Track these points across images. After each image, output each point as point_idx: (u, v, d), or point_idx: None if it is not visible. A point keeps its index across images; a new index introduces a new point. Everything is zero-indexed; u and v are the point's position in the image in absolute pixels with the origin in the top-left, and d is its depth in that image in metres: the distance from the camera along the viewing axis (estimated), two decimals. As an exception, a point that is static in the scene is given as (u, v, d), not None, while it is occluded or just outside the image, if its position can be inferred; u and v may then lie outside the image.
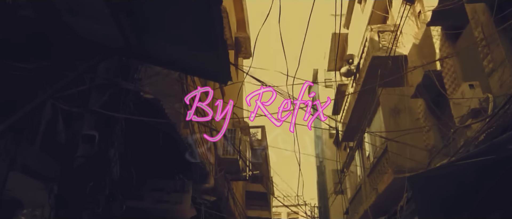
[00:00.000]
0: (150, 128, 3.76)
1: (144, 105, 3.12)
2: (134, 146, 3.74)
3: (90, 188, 2.56)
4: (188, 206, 5.01)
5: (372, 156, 13.65)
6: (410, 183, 4.15)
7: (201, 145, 6.13)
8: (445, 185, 4.39)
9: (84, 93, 2.77)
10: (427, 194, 4.21)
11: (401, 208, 8.40)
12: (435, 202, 4.41)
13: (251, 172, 11.07)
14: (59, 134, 2.68)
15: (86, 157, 2.61)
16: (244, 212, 13.42)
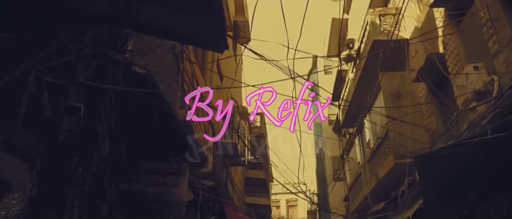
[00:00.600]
0: (144, 106, 3.57)
1: (135, 79, 2.93)
2: (126, 124, 3.55)
3: (75, 163, 2.38)
4: (185, 189, 4.84)
5: (372, 141, 13.51)
6: (417, 163, 3.99)
7: (198, 128, 5.95)
8: (452, 166, 4.22)
9: (70, 65, 2.57)
10: (433, 175, 4.05)
11: (402, 193, 8.27)
12: (441, 183, 4.24)
13: (250, 157, 10.92)
14: (44, 108, 2.49)
15: (71, 131, 2.42)
16: (243, 198, 13.31)
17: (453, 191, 4.41)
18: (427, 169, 3.97)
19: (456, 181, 4.33)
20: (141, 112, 3.79)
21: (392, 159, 10.86)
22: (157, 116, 3.92)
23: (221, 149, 7.83)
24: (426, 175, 3.97)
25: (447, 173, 4.29)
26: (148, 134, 4.42)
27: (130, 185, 4.85)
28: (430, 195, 4.17)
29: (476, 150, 4.19)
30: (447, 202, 4.53)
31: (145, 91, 2.72)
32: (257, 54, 4.64)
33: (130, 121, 3.69)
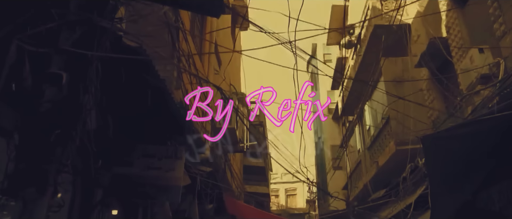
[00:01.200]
0: (136, 83, 3.37)
1: (125, 52, 2.71)
2: (117, 102, 3.35)
3: (56, 136, 2.18)
4: (181, 173, 4.66)
5: (373, 129, 13.35)
6: (424, 144, 3.81)
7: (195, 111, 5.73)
8: (459, 148, 4.04)
9: (53, 32, 2.36)
10: (440, 156, 3.87)
11: (404, 179, 8.10)
12: (448, 165, 4.07)
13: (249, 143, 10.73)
14: (25, 80, 2.29)
15: (52, 102, 2.21)
16: (242, 186, 13.17)
17: (459, 174, 4.24)
18: (434, 151, 3.79)
19: (463, 164, 4.16)
20: (134, 90, 3.59)
21: (393, 146, 10.70)
22: (152, 96, 3.71)
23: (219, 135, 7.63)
24: (433, 157, 3.79)
25: (454, 155, 4.11)
26: (142, 114, 4.22)
27: (124, 168, 4.66)
28: (436, 178, 4.00)
29: (484, 131, 4.01)
30: (454, 185, 4.36)
31: (134, 57, 2.50)
32: (257, 25, 4.42)
33: (122, 99, 3.49)
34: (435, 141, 3.76)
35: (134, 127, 4.53)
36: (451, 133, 3.82)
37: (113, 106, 3.27)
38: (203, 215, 8.85)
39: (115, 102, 3.31)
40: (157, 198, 4.53)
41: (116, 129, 4.35)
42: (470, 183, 4.34)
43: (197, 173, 6.61)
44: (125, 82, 2.73)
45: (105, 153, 4.73)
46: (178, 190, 4.56)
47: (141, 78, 3.08)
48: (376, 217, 7.40)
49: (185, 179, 5.11)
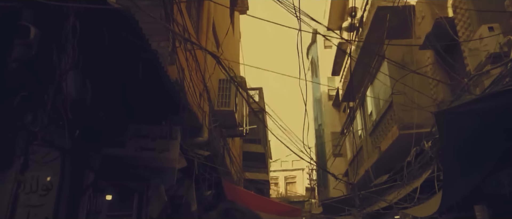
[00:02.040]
0: (123, 53, 3.07)
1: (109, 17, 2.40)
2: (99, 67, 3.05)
3: (21, 99, 1.88)
4: (176, 154, 4.38)
5: (375, 113, 13.07)
6: (438, 119, 3.52)
7: (192, 91, 5.44)
8: (474, 126, 3.75)
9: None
10: (454, 134, 3.59)
11: (408, 164, 7.84)
12: (462, 144, 3.78)
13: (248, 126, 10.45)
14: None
15: (20, 61, 1.92)
16: (242, 173, 12.93)
17: (472, 156, 3.96)
18: (447, 128, 3.51)
19: (476, 144, 3.88)
20: (122, 61, 3.28)
21: (396, 130, 10.44)
22: (143, 70, 3.41)
23: (218, 117, 7.34)
24: (447, 134, 3.51)
25: (468, 134, 3.83)
26: (134, 91, 3.92)
27: (115, 149, 4.38)
28: (450, 157, 3.72)
29: (499, 108, 3.72)
30: (466, 167, 4.08)
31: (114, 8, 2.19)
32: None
33: (107, 68, 3.19)
34: (449, 117, 3.47)
35: (125, 105, 4.23)
36: (466, 108, 3.53)
37: (96, 73, 2.98)
38: (201, 200, 8.60)
39: (99, 70, 3.01)
40: (151, 180, 4.26)
41: (106, 107, 4.06)
42: (482, 166, 4.08)
43: (194, 157, 6.33)
44: (111, 49, 2.43)
45: (94, 133, 4.45)
46: (173, 172, 4.29)
47: (129, 48, 2.78)
48: (383, 200, 7.15)
49: (181, 161, 4.83)
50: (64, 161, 4.37)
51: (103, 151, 4.38)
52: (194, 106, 6.05)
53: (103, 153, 4.36)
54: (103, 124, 4.39)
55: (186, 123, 4.54)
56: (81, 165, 4.43)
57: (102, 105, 3.52)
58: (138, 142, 4.40)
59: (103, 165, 4.32)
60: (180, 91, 4.14)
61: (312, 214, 22.55)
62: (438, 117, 3.52)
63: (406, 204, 6.64)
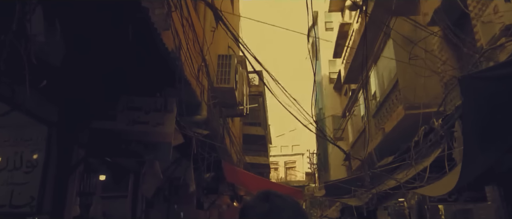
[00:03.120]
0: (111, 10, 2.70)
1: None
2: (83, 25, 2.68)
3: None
4: (172, 128, 4.03)
5: (378, 94, 12.71)
6: (462, 85, 3.17)
7: (189, 63, 5.06)
8: (500, 92, 3.37)
9: None
10: (477, 102, 3.23)
11: (416, 144, 7.51)
12: (484, 113, 3.42)
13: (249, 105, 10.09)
14: None
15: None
16: (242, 156, 12.63)
17: (496, 126, 3.60)
18: (472, 94, 3.15)
19: (503, 114, 3.52)
20: (110, 20, 2.91)
21: (402, 110, 10.10)
22: (134, 31, 3.03)
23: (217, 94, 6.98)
24: (471, 102, 3.15)
25: (494, 102, 3.46)
26: (124, 57, 3.55)
27: (105, 123, 4.03)
28: (471, 129, 3.37)
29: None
30: (489, 139, 3.73)
31: None
32: None
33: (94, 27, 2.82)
34: (473, 83, 3.12)
35: (116, 74, 3.87)
36: (493, 73, 3.18)
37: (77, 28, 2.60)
38: (200, 182, 8.30)
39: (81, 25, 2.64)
40: (144, 156, 3.91)
41: (95, 76, 3.70)
42: (504, 139, 3.72)
43: (192, 135, 5.98)
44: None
45: (83, 104, 4.09)
46: (169, 148, 3.94)
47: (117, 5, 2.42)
48: (393, 179, 6.83)
49: (177, 137, 4.49)
50: (51, 135, 4.02)
51: (93, 125, 4.03)
52: (191, 80, 5.68)
53: (92, 126, 4.01)
54: (92, 94, 4.04)
55: (183, 97, 4.17)
56: (69, 140, 4.08)
57: (88, 70, 3.16)
58: (130, 114, 4.05)
59: (92, 140, 3.97)
60: (176, 59, 3.76)
61: (314, 197, 22.35)
62: (462, 82, 3.16)
63: (416, 183, 6.32)
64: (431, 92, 9.76)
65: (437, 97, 9.52)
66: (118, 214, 6.39)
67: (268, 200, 1.31)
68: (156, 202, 7.98)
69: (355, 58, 14.80)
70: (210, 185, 9.70)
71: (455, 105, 7.64)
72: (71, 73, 3.34)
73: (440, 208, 9.07)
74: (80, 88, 3.64)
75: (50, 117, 4.01)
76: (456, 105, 6.07)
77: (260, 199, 1.33)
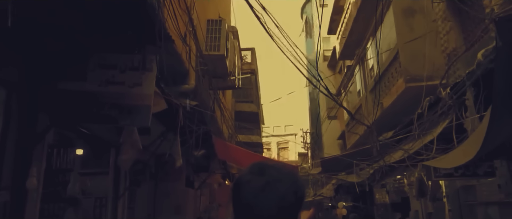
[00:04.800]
0: None
1: None
2: None
3: None
4: (152, 89, 3.47)
5: (376, 68, 12.18)
6: (499, 27, 2.65)
7: (174, 21, 4.45)
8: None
9: None
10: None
11: (419, 116, 7.03)
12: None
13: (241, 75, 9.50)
14: None
15: None
16: (234, 133, 12.10)
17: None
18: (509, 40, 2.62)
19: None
20: None
21: (402, 83, 9.60)
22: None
23: (207, 64, 6.38)
24: (509, 49, 2.63)
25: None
26: (94, 6, 2.95)
27: (74, 83, 3.45)
28: (506, 83, 2.85)
29: None
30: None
31: None
32: None
33: None
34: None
35: (85, 26, 3.26)
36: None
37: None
38: (189, 159, 7.78)
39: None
40: (120, 121, 3.36)
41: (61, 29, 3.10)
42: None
43: (179, 105, 5.42)
44: None
45: (47, 62, 3.50)
46: (148, 112, 3.38)
47: None
48: (401, 149, 6.36)
49: (160, 103, 3.92)
50: (10, 98, 3.44)
51: (59, 86, 3.44)
52: (177, 42, 5.07)
53: (59, 88, 3.43)
54: (57, 51, 3.44)
55: (164, 60, 3.59)
56: (32, 103, 3.50)
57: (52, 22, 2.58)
58: (103, 74, 3.47)
59: (58, 103, 3.39)
60: (156, 8, 3.17)
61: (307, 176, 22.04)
62: (499, 24, 2.64)
63: (424, 155, 5.86)
64: (433, 63, 9.27)
65: (440, 69, 9.02)
66: (98, 192, 5.86)
67: (263, 173, 1.23)
68: (142, 180, 7.47)
69: (352, 32, 14.21)
70: (200, 162, 9.19)
71: (459, 77, 7.18)
72: (32, 26, 2.75)
73: (441, 185, 8.69)
74: (43, 44, 3.05)
75: (9, 77, 3.42)
76: (468, 71, 5.55)
77: (255, 172, 1.24)
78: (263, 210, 1.17)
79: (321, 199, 20.86)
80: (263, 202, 1.17)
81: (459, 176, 6.41)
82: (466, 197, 8.36)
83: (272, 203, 1.18)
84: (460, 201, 8.37)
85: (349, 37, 14.79)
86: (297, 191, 1.23)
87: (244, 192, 1.21)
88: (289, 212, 1.21)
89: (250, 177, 1.23)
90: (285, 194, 1.20)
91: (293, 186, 1.23)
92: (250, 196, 1.19)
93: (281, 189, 1.20)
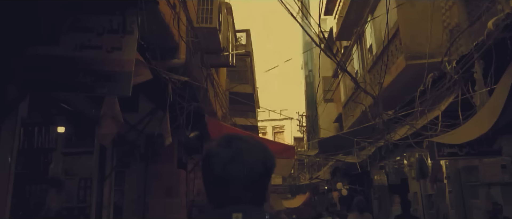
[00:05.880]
0: None
1: None
2: None
3: None
4: (132, 55, 3.09)
5: (375, 47, 11.83)
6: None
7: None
8: None
9: None
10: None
11: (422, 93, 6.71)
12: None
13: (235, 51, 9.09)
14: None
15: None
16: (228, 114, 11.74)
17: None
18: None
19: None
20: None
21: (402, 61, 9.26)
22: None
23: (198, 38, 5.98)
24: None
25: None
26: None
27: (44, 48, 3.06)
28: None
29: None
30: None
31: None
32: None
33: None
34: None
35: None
36: None
37: None
38: (180, 138, 7.45)
39: None
40: (97, 90, 2.98)
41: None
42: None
43: (168, 80, 5.05)
44: None
45: (11, 23, 3.10)
46: (128, 79, 3.00)
47: None
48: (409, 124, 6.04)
49: (144, 73, 3.54)
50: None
51: (28, 52, 3.05)
52: (165, 12, 4.68)
53: (28, 54, 3.04)
54: (24, 10, 3.04)
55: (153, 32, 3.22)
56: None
57: None
58: (78, 37, 3.08)
59: (27, 70, 3.01)
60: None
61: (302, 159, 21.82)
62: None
63: (430, 132, 5.55)
64: (434, 40, 8.92)
65: (442, 46, 8.68)
66: (83, 173, 5.52)
67: (231, 145, 1.25)
68: (131, 162, 7.13)
69: (350, 10, 13.80)
70: (193, 144, 8.85)
71: (461, 53, 6.86)
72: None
73: (442, 166, 8.44)
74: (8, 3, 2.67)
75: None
76: (475, 43, 5.21)
77: (222, 144, 1.27)
78: (232, 181, 1.19)
79: (318, 182, 20.68)
80: (232, 173, 1.19)
81: (463, 155, 6.13)
82: (468, 178, 8.12)
83: (241, 174, 1.19)
84: (461, 182, 8.13)
85: (347, 16, 14.36)
86: (266, 162, 1.24)
87: (213, 164, 1.22)
88: (259, 182, 1.22)
89: (218, 149, 1.24)
90: (254, 164, 1.21)
91: (261, 156, 1.24)
92: (219, 168, 1.20)
93: (249, 159, 1.21)
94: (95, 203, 5.26)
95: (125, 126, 6.01)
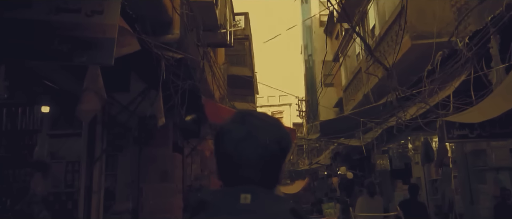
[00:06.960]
0: None
1: None
2: None
3: None
4: (115, 19, 2.72)
5: (379, 27, 11.43)
6: None
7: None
8: None
9: None
10: None
11: (430, 73, 6.36)
12: None
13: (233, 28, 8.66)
14: None
15: None
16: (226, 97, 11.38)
17: None
18: None
19: None
20: None
21: (408, 40, 8.90)
22: None
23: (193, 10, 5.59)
24: None
25: None
26: None
27: (15, 11, 2.68)
28: None
29: None
30: None
31: None
32: None
33: None
34: None
35: None
36: None
37: None
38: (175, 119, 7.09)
39: None
40: (75, 59, 2.62)
41: None
42: None
43: (161, 56, 4.68)
44: None
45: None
46: (111, 46, 2.64)
47: None
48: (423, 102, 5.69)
49: (132, 43, 3.16)
50: None
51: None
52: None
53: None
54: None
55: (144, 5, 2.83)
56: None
57: None
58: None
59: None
60: None
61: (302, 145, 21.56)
62: None
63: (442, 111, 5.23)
64: (441, 19, 8.55)
65: (449, 24, 8.30)
66: (70, 156, 5.18)
67: (244, 122, 1.18)
68: (124, 145, 6.81)
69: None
70: (190, 128, 8.53)
71: (470, 32, 6.51)
72: None
73: (448, 150, 8.14)
74: None
75: None
76: (491, 17, 4.85)
77: (236, 121, 1.20)
78: (242, 160, 1.14)
79: (317, 167, 20.45)
80: (244, 151, 1.13)
81: (474, 137, 5.81)
82: (474, 162, 7.83)
83: (253, 153, 1.13)
84: (468, 167, 7.84)
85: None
86: (281, 141, 1.18)
87: (225, 141, 1.16)
88: (272, 162, 1.16)
89: (232, 126, 1.18)
90: (268, 144, 1.15)
91: (277, 135, 1.18)
92: (231, 146, 1.15)
93: (263, 138, 1.15)
94: (84, 187, 4.94)
95: (116, 106, 5.67)
